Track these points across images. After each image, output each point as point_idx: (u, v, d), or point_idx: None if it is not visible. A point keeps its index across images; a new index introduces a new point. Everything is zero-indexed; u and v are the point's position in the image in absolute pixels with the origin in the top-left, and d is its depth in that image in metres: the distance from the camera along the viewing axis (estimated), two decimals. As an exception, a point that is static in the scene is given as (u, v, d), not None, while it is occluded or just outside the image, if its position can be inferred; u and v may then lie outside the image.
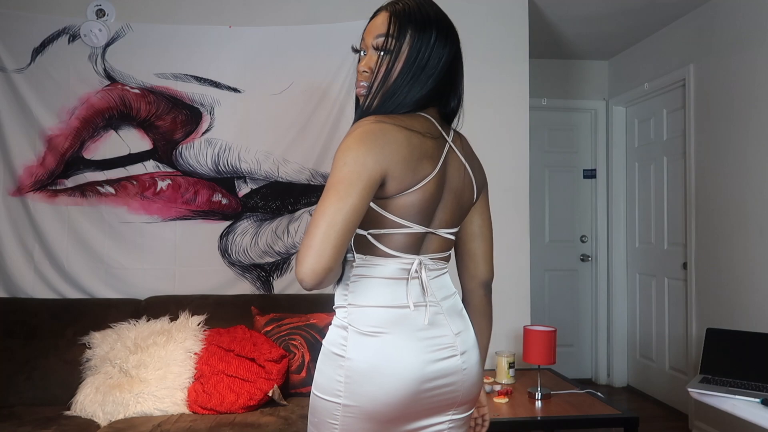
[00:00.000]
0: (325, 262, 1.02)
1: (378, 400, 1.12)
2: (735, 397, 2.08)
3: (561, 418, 2.34)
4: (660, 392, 4.12)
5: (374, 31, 1.20)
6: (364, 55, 1.23)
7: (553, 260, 4.67)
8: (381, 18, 1.21)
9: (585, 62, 4.69)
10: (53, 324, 2.76)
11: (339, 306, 1.20)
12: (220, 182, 3.09)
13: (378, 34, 1.19)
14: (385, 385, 1.12)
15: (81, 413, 2.43)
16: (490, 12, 3.33)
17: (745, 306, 3.13)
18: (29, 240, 2.99)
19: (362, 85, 1.21)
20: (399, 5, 1.21)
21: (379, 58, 1.19)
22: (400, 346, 1.14)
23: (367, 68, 1.20)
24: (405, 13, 1.19)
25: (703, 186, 3.52)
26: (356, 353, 1.14)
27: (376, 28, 1.20)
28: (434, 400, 1.17)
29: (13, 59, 2.99)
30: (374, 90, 1.19)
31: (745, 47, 3.18)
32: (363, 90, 1.21)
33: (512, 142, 3.33)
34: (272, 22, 3.15)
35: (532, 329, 2.61)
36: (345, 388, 1.13)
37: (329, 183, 1.07)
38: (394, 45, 1.18)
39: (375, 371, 1.13)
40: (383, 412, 1.13)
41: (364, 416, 1.13)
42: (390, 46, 1.18)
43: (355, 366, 1.13)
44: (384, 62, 1.18)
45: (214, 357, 2.53)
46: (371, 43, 1.21)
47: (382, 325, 1.15)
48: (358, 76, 1.23)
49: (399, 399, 1.13)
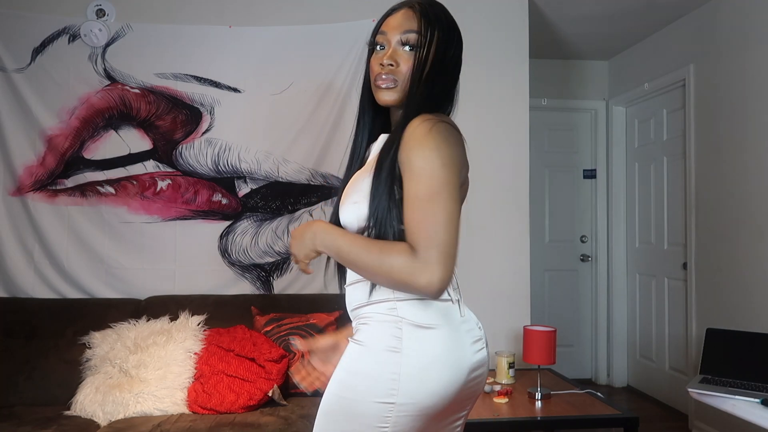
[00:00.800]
0: (454, 267, 1.05)
1: (436, 394, 1.09)
2: (735, 397, 2.08)
3: (561, 418, 2.34)
4: (660, 392, 4.12)
5: (400, 26, 1.19)
6: (382, 50, 1.22)
7: (553, 260, 4.67)
8: (406, 14, 1.20)
9: (585, 62, 4.69)
10: (53, 324, 2.76)
11: (379, 301, 1.15)
12: (220, 182, 3.09)
13: (406, 30, 1.19)
14: (443, 378, 1.09)
15: (81, 413, 2.43)
16: (491, 12, 3.33)
17: (745, 306, 3.13)
18: (29, 240, 2.99)
19: (387, 78, 1.19)
20: (424, 5, 1.22)
21: (413, 55, 1.18)
22: (455, 339, 1.13)
23: (393, 61, 1.18)
24: (434, 13, 1.21)
25: (703, 186, 3.52)
26: (416, 347, 1.10)
27: (401, 24, 1.19)
28: (471, 391, 1.17)
29: (13, 59, 2.99)
30: (409, 86, 1.19)
31: (745, 47, 3.18)
32: (388, 83, 1.19)
33: (512, 142, 3.33)
34: (272, 22, 3.15)
35: (532, 329, 2.61)
36: (401, 386, 1.07)
37: (436, 185, 1.06)
38: (425, 43, 1.18)
39: (437, 364, 1.09)
40: (437, 407, 1.10)
41: (418, 413, 1.09)
42: (421, 44, 1.18)
43: (416, 361, 1.09)
44: (416, 59, 1.18)
45: (214, 357, 2.53)
46: (398, 38, 1.19)
47: (435, 317, 1.13)
48: (377, 69, 1.21)
49: (453, 391, 1.11)
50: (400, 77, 1.19)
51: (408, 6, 1.22)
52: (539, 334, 2.58)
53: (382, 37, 1.22)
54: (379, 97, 1.22)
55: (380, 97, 1.21)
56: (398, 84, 1.19)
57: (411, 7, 1.21)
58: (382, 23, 1.23)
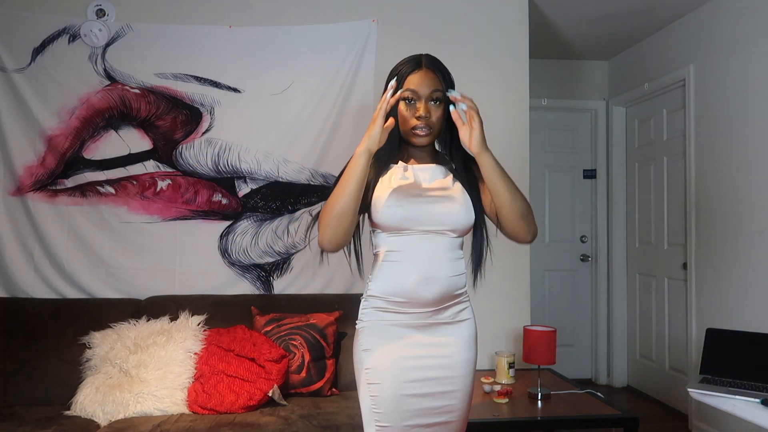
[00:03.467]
0: None
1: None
2: (735, 398, 2.08)
3: (561, 418, 2.35)
4: (660, 392, 4.12)
5: (428, 86, 1.56)
6: (412, 103, 1.57)
7: (553, 260, 4.67)
8: (428, 75, 1.57)
9: (585, 62, 4.69)
10: (53, 324, 2.76)
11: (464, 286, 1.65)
12: (220, 182, 3.09)
13: (434, 90, 1.57)
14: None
15: (81, 413, 2.43)
16: (491, 12, 3.33)
17: (745, 306, 3.13)
18: (29, 240, 2.99)
19: (424, 128, 1.57)
20: (437, 64, 1.60)
21: (441, 108, 1.59)
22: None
23: (428, 114, 1.56)
24: (444, 72, 1.60)
25: (703, 186, 3.52)
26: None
27: (429, 85, 1.57)
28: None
29: (13, 59, 2.99)
30: (438, 131, 1.61)
31: (745, 47, 3.18)
32: (426, 132, 1.58)
33: (512, 142, 3.32)
34: (272, 22, 3.15)
35: (532, 329, 2.61)
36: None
37: None
38: (445, 98, 1.59)
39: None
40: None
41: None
42: (444, 98, 1.59)
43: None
44: (444, 110, 1.60)
45: (214, 357, 2.53)
46: (428, 95, 1.56)
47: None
48: (414, 122, 1.57)
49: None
50: (434, 126, 1.58)
51: (426, 67, 1.58)
52: (539, 334, 2.58)
53: (412, 94, 1.57)
54: (416, 141, 1.60)
55: (418, 141, 1.60)
56: (433, 131, 1.59)
57: (429, 69, 1.58)
58: (406, 78, 1.57)
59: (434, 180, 1.62)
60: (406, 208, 1.55)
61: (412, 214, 1.55)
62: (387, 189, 1.57)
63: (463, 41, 3.27)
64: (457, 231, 1.59)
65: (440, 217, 1.56)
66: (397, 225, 1.55)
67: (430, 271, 1.55)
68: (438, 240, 1.56)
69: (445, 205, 1.57)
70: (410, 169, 1.62)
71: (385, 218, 1.55)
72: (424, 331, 1.58)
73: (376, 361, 1.56)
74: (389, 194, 1.56)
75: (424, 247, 1.56)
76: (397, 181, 1.59)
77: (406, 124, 1.59)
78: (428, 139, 1.60)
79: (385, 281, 1.58)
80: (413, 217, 1.55)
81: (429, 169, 1.63)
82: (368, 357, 1.57)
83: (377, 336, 1.58)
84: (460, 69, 1.86)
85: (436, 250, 1.56)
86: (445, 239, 1.57)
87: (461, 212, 1.57)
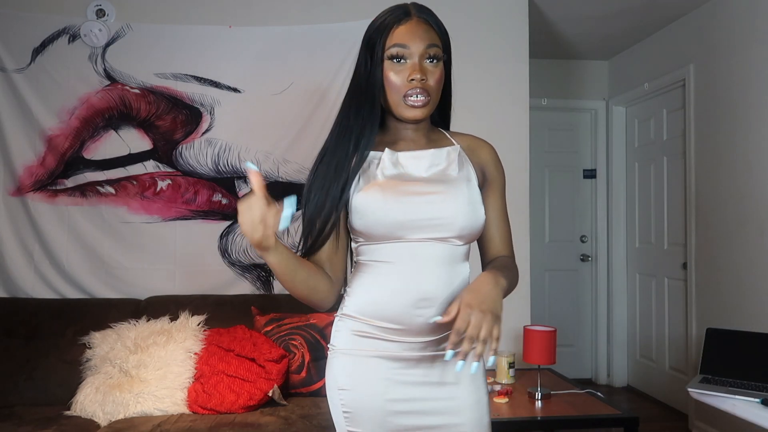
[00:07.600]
0: None
1: None
2: (735, 397, 2.08)
3: (561, 418, 2.34)
4: (660, 392, 4.12)
5: (423, 40, 1.19)
6: (404, 63, 1.19)
7: (553, 260, 4.67)
8: (420, 26, 1.21)
9: (585, 62, 4.69)
10: (53, 324, 2.76)
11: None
12: (220, 182, 3.09)
13: (430, 44, 1.20)
14: None
15: (81, 413, 2.43)
16: (490, 12, 3.33)
17: (745, 306, 3.13)
18: (29, 240, 2.99)
19: (419, 93, 1.19)
20: (428, 13, 1.25)
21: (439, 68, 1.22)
22: None
23: (423, 75, 1.18)
24: (439, 22, 1.25)
25: (703, 186, 3.52)
26: None
27: (423, 38, 1.19)
28: None
29: (13, 59, 2.99)
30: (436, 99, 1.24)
31: (745, 47, 3.17)
32: (423, 99, 1.19)
33: (512, 142, 3.32)
34: (272, 22, 3.15)
35: (532, 329, 2.61)
36: None
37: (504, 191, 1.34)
38: (446, 56, 1.25)
39: None
40: None
41: None
42: (443, 59, 1.24)
43: None
44: (442, 74, 1.24)
45: (214, 357, 2.53)
46: (423, 51, 1.19)
47: None
48: (407, 85, 1.19)
49: None
50: (432, 91, 1.20)
51: (417, 16, 1.22)
52: (539, 334, 2.58)
53: (402, 50, 1.19)
54: (409, 114, 1.21)
55: (412, 114, 1.20)
56: (431, 98, 1.20)
57: (420, 17, 1.22)
58: (391, 31, 1.19)
59: (433, 169, 1.24)
60: (397, 211, 1.18)
61: (404, 219, 1.18)
62: (371, 187, 1.21)
63: (463, 41, 3.25)
64: (464, 237, 1.22)
65: (442, 220, 1.19)
66: (385, 234, 1.19)
67: (426, 290, 1.19)
68: (438, 249, 1.20)
69: (448, 204, 1.20)
70: (400, 157, 1.24)
71: (369, 227, 1.20)
72: (418, 365, 1.21)
73: (356, 403, 1.22)
74: (374, 194, 1.20)
75: (421, 258, 1.19)
76: (384, 174, 1.22)
77: (394, 92, 1.20)
78: (425, 111, 1.20)
79: (367, 300, 1.22)
80: (406, 223, 1.18)
81: (425, 156, 1.24)
82: (346, 398, 1.23)
83: (356, 370, 1.22)
84: (460, 69, 1.85)
85: (435, 262, 1.20)
86: (448, 248, 1.21)
87: (469, 212, 1.21)
